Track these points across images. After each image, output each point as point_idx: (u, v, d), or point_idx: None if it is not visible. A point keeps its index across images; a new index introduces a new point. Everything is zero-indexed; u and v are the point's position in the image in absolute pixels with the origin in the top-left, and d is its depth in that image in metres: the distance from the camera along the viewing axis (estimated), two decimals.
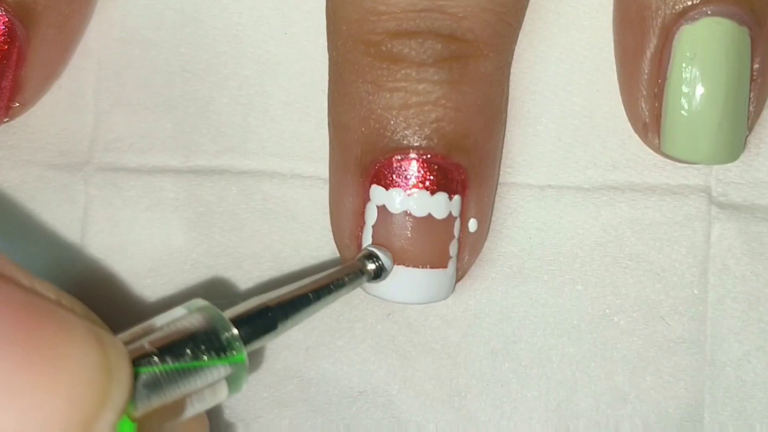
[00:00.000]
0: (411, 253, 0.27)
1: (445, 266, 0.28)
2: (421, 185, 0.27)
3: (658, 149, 0.28)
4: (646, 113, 0.28)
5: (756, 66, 0.27)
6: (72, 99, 0.31)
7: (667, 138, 0.28)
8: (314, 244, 0.30)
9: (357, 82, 0.27)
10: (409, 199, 0.27)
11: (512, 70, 0.30)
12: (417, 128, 0.27)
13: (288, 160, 0.30)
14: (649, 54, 0.28)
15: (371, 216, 0.28)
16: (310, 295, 0.25)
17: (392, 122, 0.27)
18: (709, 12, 0.27)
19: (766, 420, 0.29)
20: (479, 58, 0.27)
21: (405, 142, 0.27)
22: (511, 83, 0.30)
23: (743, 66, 0.27)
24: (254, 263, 0.30)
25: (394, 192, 0.27)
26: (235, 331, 0.23)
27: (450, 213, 0.27)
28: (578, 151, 0.30)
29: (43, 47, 0.29)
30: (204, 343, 0.22)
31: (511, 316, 0.30)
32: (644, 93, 0.28)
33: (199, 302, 0.23)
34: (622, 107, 0.29)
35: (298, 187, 0.30)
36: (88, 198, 0.31)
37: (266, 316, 0.24)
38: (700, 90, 0.27)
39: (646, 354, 0.29)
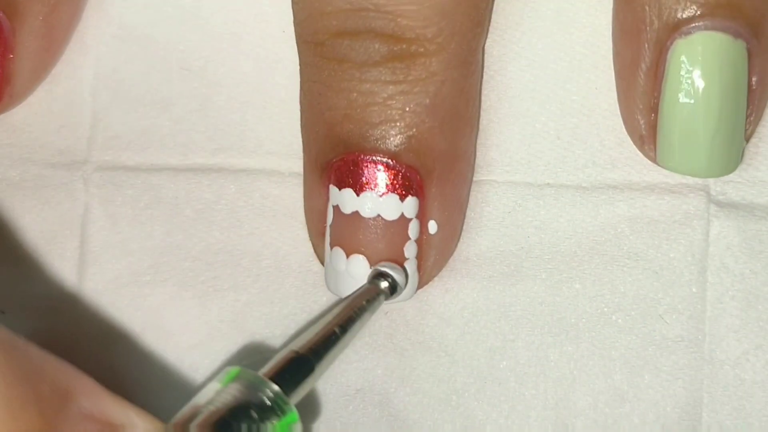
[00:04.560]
0: (363, 253, 0.27)
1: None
2: (369, 186, 0.27)
3: (654, 161, 0.28)
4: (643, 126, 0.28)
5: (754, 78, 0.27)
6: (70, 97, 0.31)
7: (662, 151, 0.28)
8: None
9: (311, 83, 0.27)
10: (358, 199, 0.27)
11: (511, 68, 0.30)
12: (364, 129, 0.27)
13: (286, 158, 0.30)
14: (644, 67, 0.27)
15: (330, 216, 0.28)
16: (336, 329, 0.25)
17: (339, 123, 0.27)
18: (702, 26, 0.26)
19: (765, 419, 0.29)
20: (426, 58, 0.27)
21: (353, 143, 0.27)
22: (509, 81, 0.30)
23: (738, 79, 0.27)
24: (253, 260, 0.30)
25: (345, 192, 0.27)
26: (277, 388, 0.22)
27: (402, 214, 0.27)
28: (577, 150, 0.30)
29: (30, 39, 0.29)
30: (256, 411, 0.22)
31: (509, 315, 0.30)
32: (640, 106, 0.28)
33: (232, 371, 0.23)
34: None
35: (296, 185, 0.30)
36: (87, 196, 0.31)
37: (301, 364, 0.24)
38: (694, 104, 0.27)
39: (644, 352, 0.29)
